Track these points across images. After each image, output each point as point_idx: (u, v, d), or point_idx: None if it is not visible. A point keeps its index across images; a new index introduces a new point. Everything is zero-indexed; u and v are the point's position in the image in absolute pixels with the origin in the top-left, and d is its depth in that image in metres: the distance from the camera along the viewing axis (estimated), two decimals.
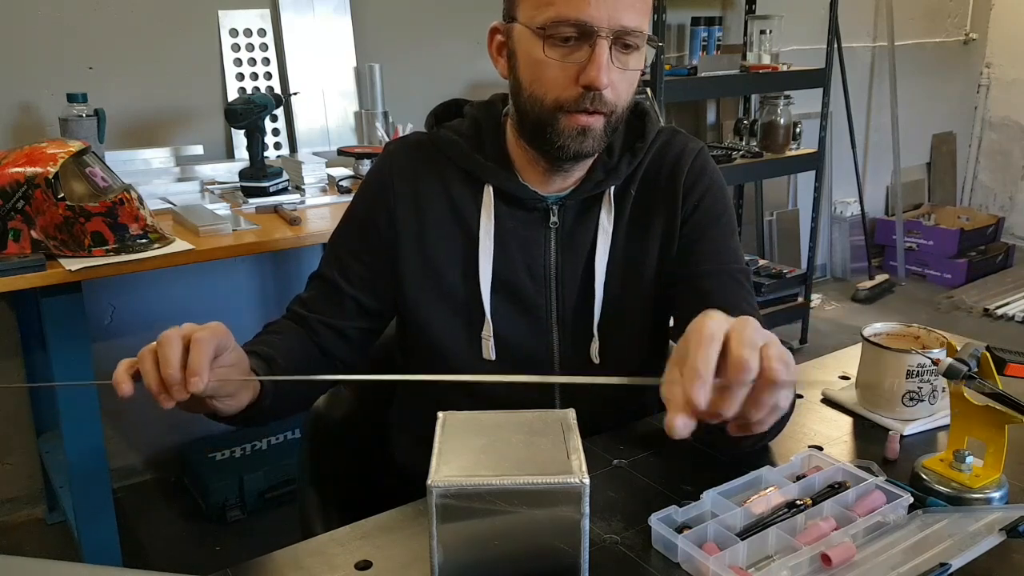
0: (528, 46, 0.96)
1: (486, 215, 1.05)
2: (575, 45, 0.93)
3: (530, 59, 0.96)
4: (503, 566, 0.71)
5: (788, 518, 0.80)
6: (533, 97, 0.97)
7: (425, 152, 1.09)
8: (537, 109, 0.97)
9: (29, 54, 2.15)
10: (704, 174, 1.10)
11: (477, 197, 1.06)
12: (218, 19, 2.38)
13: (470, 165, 1.06)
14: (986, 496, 0.85)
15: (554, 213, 1.06)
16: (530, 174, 1.06)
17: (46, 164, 1.61)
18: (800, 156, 3.30)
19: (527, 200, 1.05)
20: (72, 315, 1.70)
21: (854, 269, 4.27)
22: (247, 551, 0.83)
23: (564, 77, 0.94)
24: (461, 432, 0.76)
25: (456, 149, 1.06)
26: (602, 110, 0.96)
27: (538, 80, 0.96)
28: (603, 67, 0.92)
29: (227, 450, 2.44)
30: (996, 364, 0.83)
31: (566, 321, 1.07)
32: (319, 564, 0.80)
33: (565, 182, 1.06)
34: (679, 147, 1.11)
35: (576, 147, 0.97)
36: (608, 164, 1.06)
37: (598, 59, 0.92)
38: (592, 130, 0.97)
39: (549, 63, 0.94)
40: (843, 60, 3.71)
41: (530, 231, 1.06)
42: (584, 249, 1.07)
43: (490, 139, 1.07)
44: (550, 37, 0.93)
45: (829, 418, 1.08)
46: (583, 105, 0.95)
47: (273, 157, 2.40)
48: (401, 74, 2.53)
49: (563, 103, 0.95)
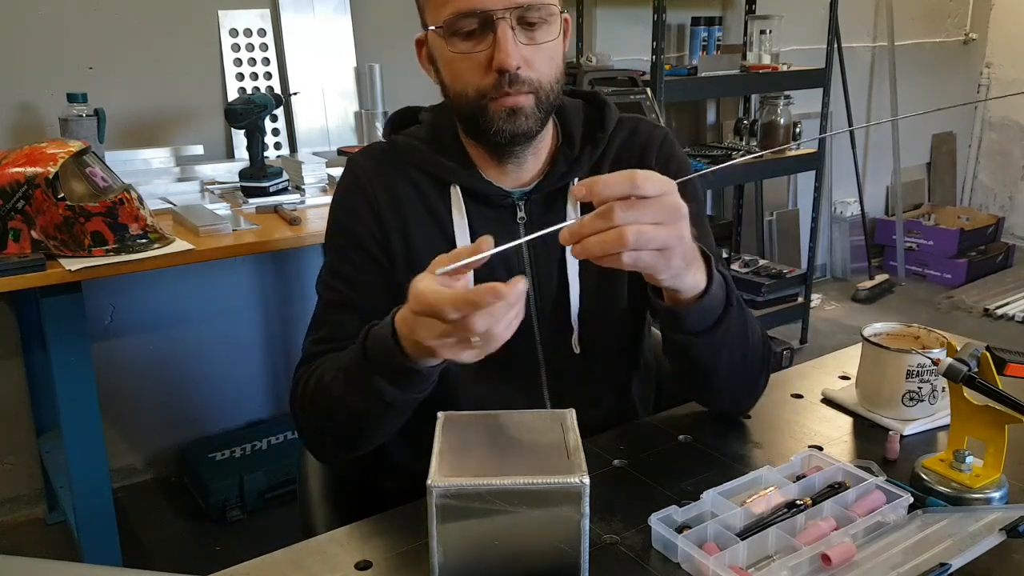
0: (440, 47, 0.99)
1: (458, 215, 1.05)
2: (479, 34, 0.95)
3: (445, 59, 0.99)
4: (503, 566, 0.71)
5: (788, 518, 0.80)
6: (457, 94, 1.00)
7: (389, 159, 1.09)
8: (465, 104, 0.99)
9: (29, 54, 2.15)
10: (672, 160, 1.12)
11: (446, 199, 1.06)
12: (218, 19, 2.38)
13: (433, 167, 1.06)
14: (986, 496, 0.85)
15: (521, 208, 1.07)
16: (490, 171, 1.07)
17: (46, 164, 1.61)
18: (800, 156, 3.30)
19: (493, 196, 1.06)
20: (72, 315, 1.70)
21: (854, 269, 4.27)
22: (247, 551, 0.83)
23: (477, 67, 0.97)
24: (461, 432, 0.76)
25: (417, 153, 1.07)
26: (524, 90, 0.97)
27: (457, 77, 0.99)
28: (509, 49, 0.94)
29: (227, 450, 2.44)
30: (996, 364, 0.83)
31: (545, 314, 1.08)
32: (319, 564, 0.80)
33: (524, 173, 1.07)
34: (644, 135, 1.13)
35: (511, 128, 0.98)
36: (569, 156, 1.08)
37: (501, 42, 0.94)
38: (522, 109, 0.98)
39: (460, 58, 0.97)
40: (843, 60, 3.71)
41: (502, 230, 1.06)
42: (554, 243, 1.07)
43: (448, 140, 1.08)
44: (454, 33, 0.96)
45: (829, 418, 1.08)
46: (503, 89, 0.96)
47: (273, 157, 2.40)
48: (401, 74, 2.52)
49: (484, 91, 0.97)
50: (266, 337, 2.65)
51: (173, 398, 2.53)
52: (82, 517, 1.82)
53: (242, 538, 2.24)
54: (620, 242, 0.77)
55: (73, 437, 1.75)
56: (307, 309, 3.05)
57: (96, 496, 1.81)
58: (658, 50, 2.74)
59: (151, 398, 2.49)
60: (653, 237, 0.78)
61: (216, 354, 2.56)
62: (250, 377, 2.65)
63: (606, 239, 0.77)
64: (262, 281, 2.62)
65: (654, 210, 0.78)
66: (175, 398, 2.53)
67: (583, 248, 0.78)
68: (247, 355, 2.63)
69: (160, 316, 2.45)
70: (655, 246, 0.79)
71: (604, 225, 0.77)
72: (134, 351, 2.43)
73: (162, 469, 2.55)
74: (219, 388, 2.59)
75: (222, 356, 2.58)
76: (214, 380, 2.58)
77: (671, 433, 1.03)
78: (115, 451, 2.41)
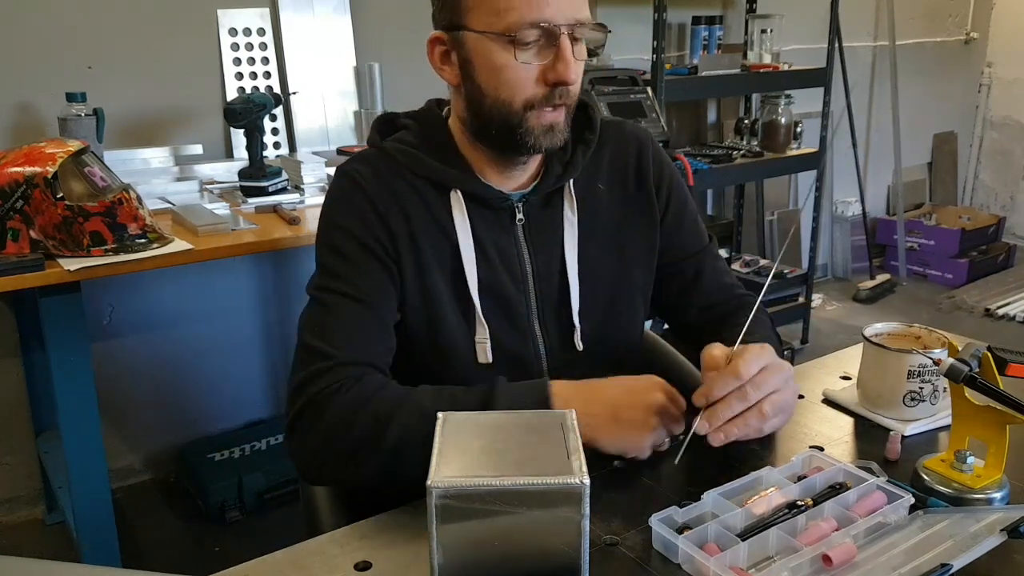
0: (487, 52, 0.98)
1: (461, 220, 1.05)
2: (539, 44, 0.96)
3: (491, 65, 0.98)
4: (503, 567, 0.71)
5: (789, 519, 0.80)
6: (500, 101, 0.99)
7: (386, 166, 1.07)
8: (505, 112, 0.99)
9: (28, 54, 2.15)
10: (664, 164, 1.18)
11: (446, 203, 1.06)
12: (217, 18, 2.38)
13: (433, 173, 1.05)
14: (987, 496, 0.85)
15: (519, 211, 1.08)
16: (488, 174, 1.08)
17: (45, 164, 1.61)
18: (801, 156, 3.30)
19: (492, 200, 1.07)
20: (71, 315, 1.70)
21: (855, 269, 4.27)
22: (246, 552, 0.82)
23: (530, 78, 0.98)
24: (461, 432, 0.76)
25: (414, 159, 1.06)
26: (567, 102, 1.01)
27: (504, 84, 0.98)
28: (571, 63, 0.96)
29: (226, 451, 2.44)
30: (997, 364, 0.83)
31: (547, 313, 1.10)
32: (319, 564, 0.80)
33: (523, 176, 1.09)
34: (635, 140, 1.16)
35: (547, 143, 1.01)
36: (563, 157, 1.09)
37: (565, 56, 0.96)
38: (558, 124, 1.01)
39: (515, 66, 0.97)
40: (844, 59, 3.70)
41: (501, 232, 1.08)
42: (553, 243, 1.10)
43: (442, 145, 1.07)
44: (515, 41, 0.95)
45: (830, 418, 1.08)
46: (552, 101, 0.99)
47: (272, 157, 2.39)
48: (401, 74, 2.52)
49: (532, 102, 0.98)
50: (265, 337, 2.65)
51: (172, 398, 2.52)
52: (81, 518, 1.82)
53: (241, 539, 2.23)
54: (760, 418, 0.91)
55: (72, 437, 1.75)
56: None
57: (95, 496, 1.81)
58: (659, 49, 2.73)
59: (150, 398, 2.48)
60: (784, 403, 0.93)
61: (215, 354, 2.56)
62: (249, 377, 2.65)
63: (748, 420, 0.90)
64: (261, 281, 2.61)
65: (775, 380, 0.92)
66: (174, 398, 2.53)
67: (726, 433, 0.90)
68: (246, 355, 2.63)
69: (159, 316, 2.45)
70: (784, 411, 0.94)
71: (740, 407, 0.90)
72: (133, 351, 2.43)
73: (161, 469, 2.55)
74: (218, 388, 2.59)
75: (221, 356, 2.57)
76: (213, 380, 2.58)
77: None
78: (114, 451, 2.41)
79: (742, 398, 0.89)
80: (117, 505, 1.93)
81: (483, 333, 1.06)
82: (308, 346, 0.98)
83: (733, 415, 0.89)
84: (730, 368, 0.90)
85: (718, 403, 0.89)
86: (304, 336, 1.00)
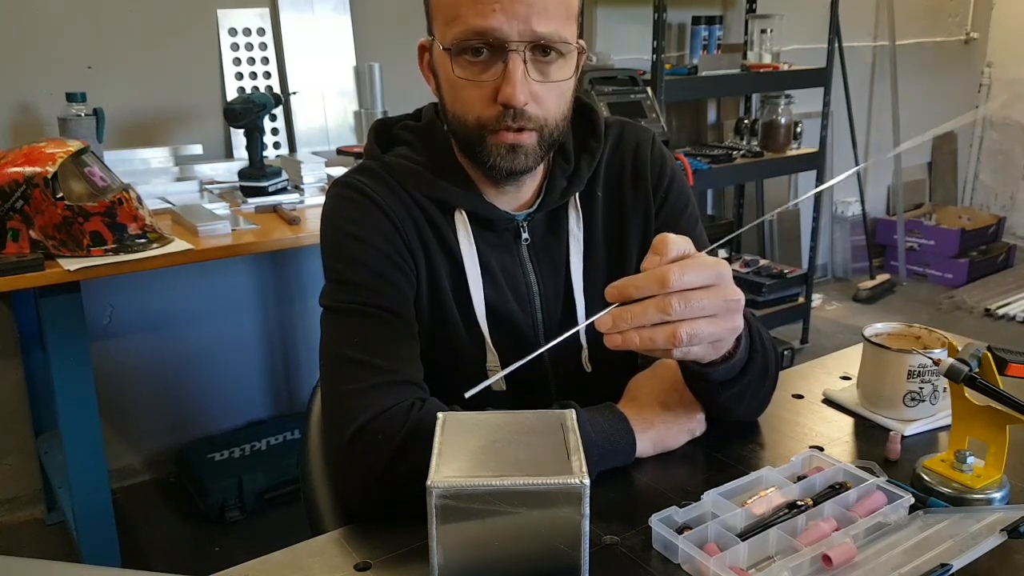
0: (444, 65, 0.92)
1: (466, 240, 1.00)
2: (488, 60, 0.88)
3: (448, 79, 0.92)
4: (503, 567, 0.71)
5: (789, 519, 0.80)
6: (456, 117, 0.93)
7: (394, 181, 1.00)
8: (463, 129, 0.93)
9: (28, 54, 2.15)
10: (665, 164, 1.09)
11: (450, 222, 1.00)
12: (217, 18, 2.38)
13: (439, 193, 0.99)
14: (987, 497, 0.85)
15: (524, 230, 1.03)
16: (489, 193, 1.01)
17: (45, 164, 1.61)
18: (801, 155, 3.30)
19: (498, 221, 1.01)
20: (70, 315, 1.70)
21: (855, 269, 4.27)
22: (246, 552, 0.82)
23: (482, 95, 0.89)
24: (461, 432, 0.76)
25: (421, 178, 0.99)
26: (528, 126, 0.90)
27: (458, 100, 0.92)
28: (518, 83, 0.86)
29: (226, 451, 2.44)
30: (997, 364, 0.83)
31: (553, 335, 1.06)
32: (318, 565, 0.80)
33: (522, 193, 1.03)
34: (633, 140, 1.08)
35: (508, 165, 0.93)
36: (567, 170, 1.02)
37: (511, 75, 0.86)
38: (523, 147, 0.91)
39: (463, 83, 0.90)
40: (844, 59, 3.71)
41: (506, 253, 1.03)
42: (559, 261, 1.05)
43: (446, 162, 1.01)
44: (460, 54, 0.88)
45: (830, 418, 1.07)
46: (505, 123, 0.89)
47: (272, 157, 2.40)
48: (401, 74, 2.52)
49: (485, 122, 0.90)
50: (265, 337, 2.65)
51: (172, 398, 2.52)
52: (81, 518, 1.82)
53: (241, 539, 2.23)
54: (672, 341, 0.74)
55: (72, 437, 1.75)
56: (307, 309, 3.04)
57: (95, 497, 1.81)
58: (659, 49, 2.73)
59: (150, 398, 2.48)
60: (710, 333, 0.75)
61: (215, 354, 2.56)
62: (249, 377, 2.65)
63: (655, 336, 0.74)
64: (261, 281, 2.61)
65: (711, 304, 0.75)
66: (174, 398, 2.53)
67: (625, 339, 0.75)
68: (246, 355, 2.63)
69: (159, 316, 2.45)
70: (709, 340, 0.77)
71: (656, 317, 0.73)
72: (133, 351, 2.43)
73: (161, 470, 2.55)
74: (218, 388, 2.59)
75: (221, 356, 2.57)
76: (213, 380, 2.58)
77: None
78: (114, 452, 2.41)
79: (661, 309, 0.73)
80: (117, 505, 1.93)
81: (493, 360, 1.02)
82: (352, 359, 0.91)
83: (642, 325, 0.74)
84: (661, 271, 0.74)
85: (634, 304, 0.74)
86: (341, 350, 0.92)
